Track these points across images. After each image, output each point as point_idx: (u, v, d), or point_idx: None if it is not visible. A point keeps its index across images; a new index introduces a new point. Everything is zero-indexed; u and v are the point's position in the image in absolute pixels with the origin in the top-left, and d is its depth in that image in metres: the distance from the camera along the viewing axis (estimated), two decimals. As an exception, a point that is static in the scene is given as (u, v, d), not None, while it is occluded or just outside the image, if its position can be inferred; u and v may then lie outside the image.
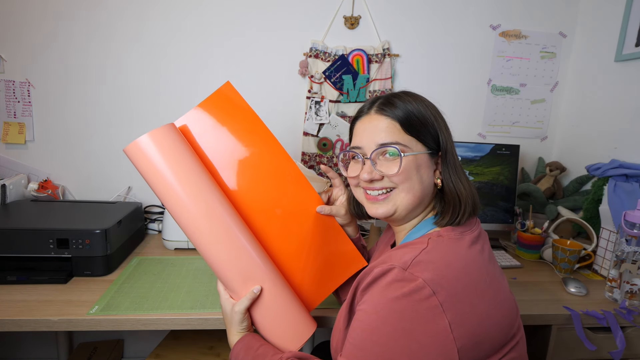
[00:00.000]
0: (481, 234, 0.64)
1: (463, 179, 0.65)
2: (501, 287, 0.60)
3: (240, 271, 0.67)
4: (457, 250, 0.58)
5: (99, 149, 1.39)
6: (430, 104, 0.66)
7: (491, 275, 0.59)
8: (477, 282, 0.56)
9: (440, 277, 0.53)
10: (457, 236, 0.60)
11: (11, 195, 1.26)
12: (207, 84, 1.40)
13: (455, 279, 0.54)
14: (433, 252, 0.57)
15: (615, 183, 1.14)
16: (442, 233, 0.61)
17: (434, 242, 0.59)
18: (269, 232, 0.73)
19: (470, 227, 0.63)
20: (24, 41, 1.29)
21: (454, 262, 0.56)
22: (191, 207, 0.65)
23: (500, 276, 0.63)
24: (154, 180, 0.65)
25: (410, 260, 0.55)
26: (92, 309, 0.85)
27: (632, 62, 1.28)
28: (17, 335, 1.49)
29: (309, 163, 1.47)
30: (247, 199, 0.73)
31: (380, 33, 1.42)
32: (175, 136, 0.69)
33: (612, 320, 0.92)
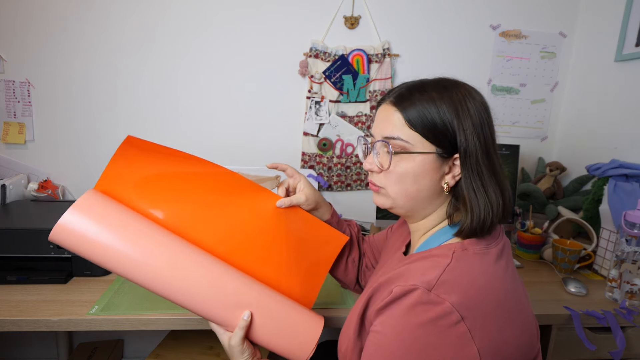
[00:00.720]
0: (505, 246, 0.60)
1: (490, 187, 0.56)
2: (525, 306, 0.57)
3: (224, 304, 0.62)
4: (483, 267, 0.53)
5: (99, 148, 1.39)
6: (459, 98, 0.57)
7: (517, 294, 0.55)
8: (504, 303, 0.52)
9: (467, 299, 0.49)
10: (482, 250, 0.55)
11: (11, 195, 1.26)
12: (207, 84, 1.40)
13: (483, 302, 0.50)
14: (458, 269, 0.52)
15: (615, 183, 1.14)
16: (466, 245, 0.55)
17: (458, 257, 0.53)
18: (240, 254, 0.68)
19: (495, 239, 0.58)
20: (24, 41, 1.29)
21: (481, 282, 0.51)
22: (149, 264, 0.59)
23: (523, 292, 0.59)
24: (94, 253, 0.58)
25: (434, 279, 0.50)
26: (92, 309, 0.85)
27: (632, 62, 1.28)
28: (17, 335, 1.48)
29: (309, 163, 1.47)
30: (202, 234, 0.66)
31: (380, 33, 1.42)
32: (101, 199, 0.63)
33: (612, 320, 0.92)
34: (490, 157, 0.57)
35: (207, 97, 1.41)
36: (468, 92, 0.59)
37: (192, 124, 1.42)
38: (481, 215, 0.55)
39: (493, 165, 0.57)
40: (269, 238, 0.70)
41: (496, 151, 0.58)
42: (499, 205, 0.56)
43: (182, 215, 0.67)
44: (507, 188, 0.59)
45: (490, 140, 0.57)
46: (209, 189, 0.69)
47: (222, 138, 1.44)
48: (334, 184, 1.50)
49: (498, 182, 0.57)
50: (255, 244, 0.69)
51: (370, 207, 1.50)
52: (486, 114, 0.58)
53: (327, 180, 1.49)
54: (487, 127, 0.57)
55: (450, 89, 0.58)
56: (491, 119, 0.59)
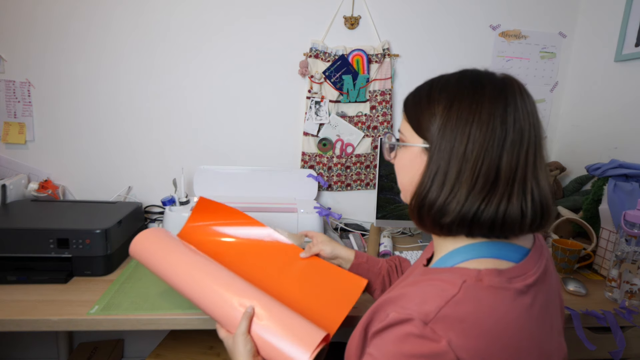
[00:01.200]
0: (539, 280, 0.51)
1: (457, 188, 0.50)
2: (544, 353, 0.49)
3: (229, 299, 0.70)
4: (496, 305, 0.46)
5: (99, 148, 1.39)
6: (454, 91, 0.53)
7: (538, 341, 0.48)
8: (516, 351, 0.45)
9: (469, 342, 0.43)
10: (501, 284, 0.47)
11: (11, 195, 1.26)
12: (207, 84, 1.40)
13: (488, 348, 0.44)
14: (464, 304, 0.45)
15: (615, 183, 1.14)
16: (482, 276, 0.47)
17: (468, 288, 0.46)
18: (266, 287, 0.80)
19: (525, 271, 0.50)
20: (24, 41, 1.30)
21: (489, 324, 0.45)
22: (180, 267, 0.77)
23: (548, 337, 0.51)
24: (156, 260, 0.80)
25: (434, 312, 0.44)
26: (92, 308, 0.86)
27: (632, 62, 1.28)
28: (17, 335, 1.49)
29: (309, 163, 1.47)
30: (238, 270, 0.82)
31: (380, 33, 1.42)
32: (163, 234, 0.86)
33: (612, 320, 0.92)
34: (455, 157, 0.50)
35: (207, 97, 1.41)
36: (459, 81, 0.54)
37: (192, 124, 1.42)
38: (431, 216, 0.51)
39: (465, 166, 0.50)
40: (290, 280, 0.86)
41: (499, 164, 0.49)
42: (466, 213, 0.49)
43: (226, 257, 0.89)
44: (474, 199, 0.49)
45: (469, 136, 0.50)
46: (251, 245, 0.96)
47: (222, 138, 1.44)
48: (334, 183, 1.50)
49: (459, 186, 0.50)
50: (279, 282, 0.85)
51: (370, 207, 1.50)
52: (492, 119, 0.50)
53: (327, 180, 1.49)
54: (478, 130, 0.50)
55: (446, 81, 0.55)
56: (498, 126, 0.50)
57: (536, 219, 0.51)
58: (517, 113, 0.50)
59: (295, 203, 1.34)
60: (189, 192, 1.38)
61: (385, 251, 1.20)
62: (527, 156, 0.50)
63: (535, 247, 0.54)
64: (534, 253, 0.53)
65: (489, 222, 0.49)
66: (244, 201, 1.32)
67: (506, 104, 0.50)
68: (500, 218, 0.49)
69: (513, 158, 0.49)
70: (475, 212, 0.49)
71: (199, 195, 1.36)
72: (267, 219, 1.21)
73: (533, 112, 0.52)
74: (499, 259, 0.50)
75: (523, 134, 0.50)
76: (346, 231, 1.43)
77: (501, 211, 0.49)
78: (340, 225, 1.45)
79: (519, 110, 0.50)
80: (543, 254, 0.54)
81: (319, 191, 1.49)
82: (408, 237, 1.46)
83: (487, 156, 0.49)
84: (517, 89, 0.52)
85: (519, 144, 0.49)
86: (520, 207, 0.50)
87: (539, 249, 0.54)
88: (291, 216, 1.22)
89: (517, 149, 0.49)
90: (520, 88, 0.53)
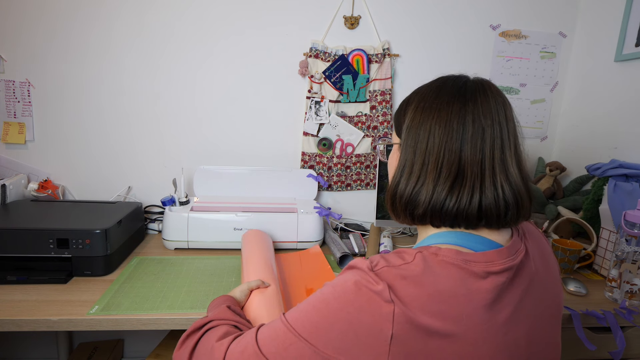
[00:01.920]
0: (517, 268, 0.52)
1: (423, 179, 0.54)
2: (499, 348, 0.48)
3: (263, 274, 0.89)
4: (445, 275, 0.48)
5: (99, 149, 1.39)
6: (423, 93, 0.59)
7: (486, 330, 0.47)
8: (452, 321, 0.45)
9: (406, 292, 0.46)
10: (455, 261, 0.49)
11: (11, 195, 1.26)
12: (206, 84, 1.40)
13: (424, 303, 0.45)
14: (412, 267, 0.48)
15: (615, 183, 1.14)
16: (441, 252, 0.50)
17: (422, 257, 0.49)
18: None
19: (493, 258, 0.50)
20: (24, 41, 1.30)
21: (431, 289, 0.46)
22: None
23: (510, 338, 0.49)
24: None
25: (382, 265, 0.49)
26: (92, 308, 0.86)
27: (632, 62, 1.28)
28: (17, 335, 1.49)
29: (309, 163, 1.47)
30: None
31: (380, 33, 1.42)
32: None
33: (612, 320, 0.92)
34: (420, 152, 0.55)
35: (207, 97, 1.41)
36: (435, 82, 0.60)
37: (192, 124, 1.42)
38: (392, 205, 0.59)
39: (426, 159, 0.55)
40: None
41: (457, 158, 0.53)
42: (408, 202, 0.56)
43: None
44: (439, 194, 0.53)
45: (431, 131, 0.54)
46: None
47: (222, 138, 1.44)
48: (334, 183, 1.50)
49: (420, 178, 0.55)
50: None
51: (370, 207, 1.50)
52: (454, 119, 0.54)
53: (327, 180, 1.49)
54: (436, 132, 0.54)
55: (428, 89, 0.60)
56: (465, 126, 0.53)
57: (510, 210, 0.53)
58: (477, 110, 0.54)
59: (295, 203, 1.34)
60: (189, 192, 1.38)
61: (385, 251, 1.20)
62: (492, 151, 0.53)
63: (511, 244, 0.54)
64: (508, 248, 0.53)
65: (463, 213, 0.52)
66: (244, 201, 1.32)
67: (465, 101, 0.54)
68: (475, 209, 0.52)
69: (476, 151, 0.52)
70: (443, 202, 0.53)
71: (199, 195, 1.37)
72: (267, 219, 1.21)
73: (497, 108, 0.54)
74: (464, 247, 0.52)
75: (485, 130, 0.53)
76: (346, 231, 1.43)
77: (475, 202, 0.52)
78: (340, 225, 1.45)
79: (478, 107, 0.54)
80: (519, 252, 0.54)
81: (319, 191, 1.49)
82: (408, 237, 1.46)
83: (447, 148, 0.53)
84: (480, 88, 0.56)
85: (480, 138, 0.53)
86: (494, 198, 0.52)
87: (514, 247, 0.54)
88: (291, 216, 1.22)
89: (479, 143, 0.53)
90: (484, 87, 0.56)
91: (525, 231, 0.60)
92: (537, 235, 0.63)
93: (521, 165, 0.56)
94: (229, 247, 1.20)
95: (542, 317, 0.55)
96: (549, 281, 0.58)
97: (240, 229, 1.19)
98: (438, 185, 0.53)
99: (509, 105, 0.56)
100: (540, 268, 0.57)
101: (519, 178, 0.54)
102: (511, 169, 0.54)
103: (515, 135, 0.56)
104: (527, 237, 0.59)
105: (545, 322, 0.56)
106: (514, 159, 0.54)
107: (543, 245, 0.62)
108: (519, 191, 0.54)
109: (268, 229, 1.20)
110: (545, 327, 0.56)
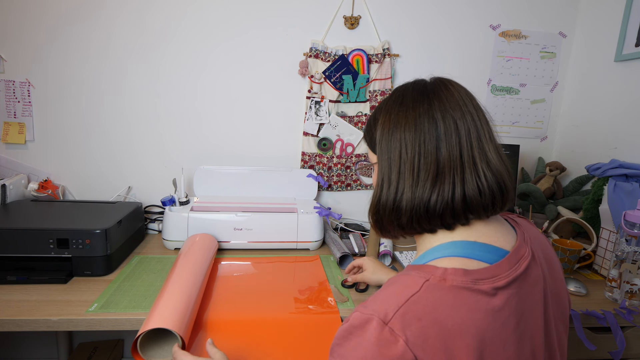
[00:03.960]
0: (519, 284, 0.50)
1: (401, 186, 0.54)
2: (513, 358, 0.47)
3: None
4: (456, 305, 0.45)
5: (99, 148, 1.39)
6: (386, 108, 0.58)
7: (503, 345, 0.46)
8: (474, 351, 0.44)
9: (425, 340, 0.43)
10: (464, 284, 0.46)
11: (11, 195, 1.26)
12: (207, 84, 1.40)
13: (446, 345, 0.43)
14: (423, 302, 0.45)
15: (615, 183, 1.14)
16: (447, 275, 0.47)
17: (429, 287, 0.47)
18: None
19: (500, 271, 0.49)
20: (24, 41, 1.30)
21: (448, 323, 0.44)
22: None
23: (521, 345, 0.48)
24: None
25: (393, 311, 0.45)
26: (92, 306, 0.86)
27: (632, 62, 1.28)
28: (17, 335, 1.49)
29: (309, 163, 1.47)
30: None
31: (380, 33, 1.42)
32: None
33: (612, 320, 0.92)
34: (397, 160, 0.55)
35: (207, 97, 1.41)
36: (394, 93, 0.60)
37: (193, 124, 1.42)
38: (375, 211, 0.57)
39: (406, 166, 0.54)
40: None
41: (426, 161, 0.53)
42: (390, 211, 0.55)
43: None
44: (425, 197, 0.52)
45: (402, 139, 0.54)
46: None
47: (222, 138, 1.44)
48: (334, 183, 1.50)
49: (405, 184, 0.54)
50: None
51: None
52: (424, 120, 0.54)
53: (327, 180, 1.49)
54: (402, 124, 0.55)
55: (389, 102, 0.59)
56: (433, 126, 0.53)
57: (495, 196, 0.53)
58: (443, 105, 0.53)
59: (295, 203, 1.34)
60: (189, 192, 1.38)
61: (385, 251, 1.20)
62: (469, 141, 0.53)
63: (515, 249, 0.53)
64: (512, 255, 0.51)
65: (449, 208, 0.52)
66: (244, 201, 1.32)
67: (430, 100, 0.54)
68: (459, 202, 0.51)
69: (453, 146, 0.52)
70: (427, 203, 0.52)
71: (199, 195, 1.37)
72: (267, 219, 1.21)
73: (464, 100, 0.55)
74: (471, 259, 0.50)
75: (457, 122, 0.53)
76: (346, 231, 1.43)
77: (458, 195, 0.51)
78: (340, 225, 1.45)
79: (444, 102, 0.54)
80: (523, 258, 0.52)
81: (319, 191, 1.49)
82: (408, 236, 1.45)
83: (422, 151, 0.53)
84: (440, 84, 0.56)
85: (454, 131, 0.52)
86: (477, 187, 0.52)
87: (518, 253, 0.52)
88: (291, 216, 1.22)
89: (454, 137, 0.52)
90: (444, 83, 0.57)
91: (528, 234, 0.59)
92: (541, 238, 0.62)
93: (499, 150, 0.55)
94: (229, 247, 1.20)
95: (551, 321, 0.54)
96: (556, 284, 0.58)
97: (241, 229, 1.19)
98: (418, 188, 0.53)
99: (473, 96, 0.57)
100: (546, 272, 0.56)
101: (499, 163, 0.54)
102: (489, 155, 0.53)
103: (487, 121, 0.55)
104: (532, 240, 0.57)
105: (557, 326, 0.55)
106: (491, 145, 0.54)
107: (547, 248, 0.61)
108: (501, 176, 0.53)
109: (268, 229, 1.20)
110: (557, 330, 0.55)
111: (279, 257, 1.19)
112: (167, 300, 0.78)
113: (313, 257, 1.20)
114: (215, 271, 1.07)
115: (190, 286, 0.85)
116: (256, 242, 1.21)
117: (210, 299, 0.92)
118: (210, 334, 0.80)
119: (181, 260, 0.97)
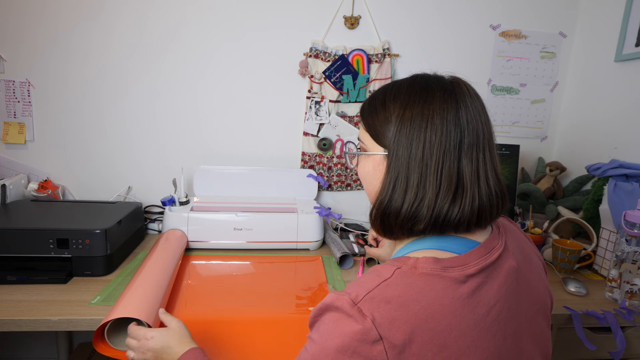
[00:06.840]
0: (491, 273, 0.50)
1: (422, 194, 0.51)
2: (482, 347, 0.47)
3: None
4: (425, 290, 0.46)
5: (99, 148, 1.39)
6: (405, 98, 0.54)
7: (472, 331, 0.46)
8: (441, 334, 0.45)
9: (392, 322, 0.44)
10: (435, 271, 0.48)
11: (11, 195, 1.26)
12: (207, 84, 1.40)
13: (413, 327, 0.44)
14: (393, 287, 0.47)
15: (615, 183, 1.14)
16: (419, 263, 0.48)
17: (400, 274, 0.48)
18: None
19: (471, 259, 0.50)
20: (24, 41, 1.29)
21: (415, 307, 0.45)
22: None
23: (493, 332, 0.48)
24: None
25: (364, 293, 0.46)
26: (94, 299, 0.88)
27: (632, 62, 1.28)
28: (17, 335, 1.49)
29: (309, 163, 1.47)
30: None
31: (380, 33, 1.42)
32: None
33: (612, 320, 0.92)
34: (410, 160, 0.52)
35: (207, 97, 1.41)
36: (407, 88, 0.56)
37: (193, 124, 1.42)
38: (375, 214, 0.55)
39: (419, 168, 0.52)
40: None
41: (442, 160, 0.51)
42: (407, 213, 0.51)
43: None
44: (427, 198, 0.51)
45: (420, 139, 0.51)
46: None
47: (222, 138, 1.44)
48: (334, 183, 1.50)
49: (414, 188, 0.51)
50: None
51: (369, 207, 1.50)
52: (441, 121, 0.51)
53: (327, 180, 1.49)
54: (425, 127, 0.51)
55: (394, 88, 0.57)
56: (447, 126, 0.51)
57: (499, 206, 0.53)
58: (469, 114, 0.52)
59: (295, 203, 1.34)
60: (189, 192, 1.38)
61: (385, 251, 1.20)
62: (484, 155, 0.52)
63: (487, 241, 0.53)
64: (483, 246, 0.52)
65: (465, 219, 0.51)
66: (244, 201, 1.32)
67: (457, 106, 0.52)
68: (475, 213, 0.51)
69: (472, 160, 0.51)
70: (446, 213, 0.51)
71: (199, 195, 1.37)
72: (267, 219, 1.21)
73: (483, 111, 0.54)
74: (444, 251, 0.51)
75: (478, 134, 0.52)
76: (346, 231, 1.43)
77: (475, 207, 0.51)
78: (340, 225, 1.45)
79: (470, 111, 0.52)
80: (495, 249, 0.53)
81: (319, 191, 1.49)
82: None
83: (446, 159, 0.51)
84: (465, 90, 0.54)
85: (475, 145, 0.52)
86: (489, 199, 0.52)
87: (490, 244, 0.53)
88: (291, 216, 1.22)
89: (475, 151, 0.52)
90: (468, 89, 0.55)
91: (503, 226, 0.59)
92: (515, 230, 0.63)
93: (498, 158, 0.56)
94: (229, 247, 1.20)
95: (527, 312, 0.54)
96: (531, 275, 0.58)
97: (241, 229, 1.19)
98: (440, 199, 0.50)
99: (483, 102, 0.56)
100: (521, 263, 0.56)
101: (498, 170, 0.54)
102: (497, 166, 0.54)
103: (491, 127, 0.56)
104: (506, 233, 0.58)
105: (532, 317, 0.55)
106: (496, 157, 0.54)
107: (522, 240, 0.62)
108: (501, 182, 0.54)
109: (268, 229, 1.20)
110: (532, 322, 0.55)
111: (279, 257, 1.19)
112: (133, 291, 0.81)
113: (314, 257, 1.20)
114: (216, 271, 1.07)
115: (153, 278, 0.89)
116: (256, 242, 1.21)
117: (210, 299, 0.92)
118: (209, 334, 0.80)
119: (149, 257, 1.01)
